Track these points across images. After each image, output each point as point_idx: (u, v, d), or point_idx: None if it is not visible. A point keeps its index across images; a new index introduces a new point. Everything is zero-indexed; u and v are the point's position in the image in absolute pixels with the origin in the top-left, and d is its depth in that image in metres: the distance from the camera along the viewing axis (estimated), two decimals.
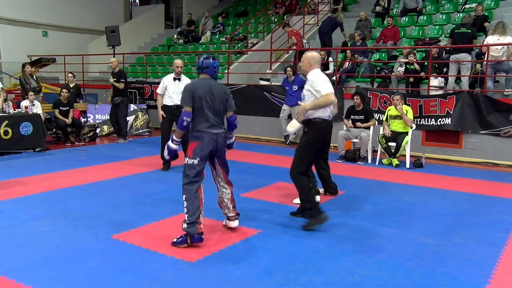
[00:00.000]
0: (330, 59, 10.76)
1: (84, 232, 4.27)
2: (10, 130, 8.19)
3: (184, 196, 3.98)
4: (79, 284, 3.19)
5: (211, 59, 4.16)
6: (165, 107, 7.03)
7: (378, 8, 12.76)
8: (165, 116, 7.03)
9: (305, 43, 12.21)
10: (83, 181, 6.26)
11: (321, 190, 5.66)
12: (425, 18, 11.92)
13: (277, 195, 5.73)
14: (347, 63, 10.49)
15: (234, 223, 4.39)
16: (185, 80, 6.99)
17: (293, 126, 4.63)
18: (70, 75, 11.07)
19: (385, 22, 12.00)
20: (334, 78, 10.37)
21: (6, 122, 8.16)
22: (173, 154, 4.13)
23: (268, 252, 3.87)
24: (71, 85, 10.83)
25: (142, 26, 17.54)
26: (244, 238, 4.18)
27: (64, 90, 9.93)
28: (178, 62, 7.14)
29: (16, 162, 7.61)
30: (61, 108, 9.80)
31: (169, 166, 7.08)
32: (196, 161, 3.97)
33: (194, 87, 4.03)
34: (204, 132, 3.98)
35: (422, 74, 9.12)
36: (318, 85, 4.51)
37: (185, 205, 3.96)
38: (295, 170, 4.57)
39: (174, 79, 7.04)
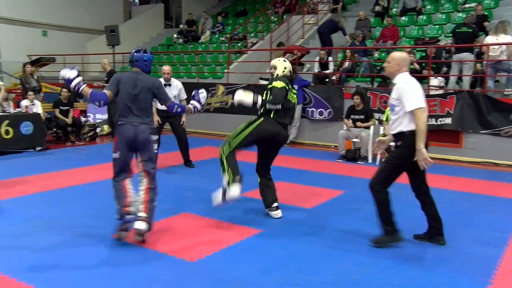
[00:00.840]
0: (330, 58, 10.76)
1: (84, 231, 4.27)
2: (11, 130, 8.20)
3: (113, 191, 4.04)
4: (79, 283, 3.20)
5: (142, 51, 4.14)
6: (158, 111, 6.89)
7: (377, 8, 12.76)
8: (160, 122, 7.00)
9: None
10: (83, 180, 6.27)
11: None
12: (424, 18, 11.92)
13: (277, 195, 5.71)
14: (347, 62, 10.49)
15: (139, 225, 3.90)
16: (176, 84, 7.11)
17: (245, 96, 4.58)
18: None
19: (384, 21, 12.00)
20: (334, 77, 10.38)
21: (6, 121, 8.17)
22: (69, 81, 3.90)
23: (268, 252, 3.88)
24: None
25: (141, 25, 17.52)
26: (245, 238, 4.18)
27: (64, 90, 9.93)
28: (165, 68, 7.11)
29: (17, 162, 7.61)
30: (61, 107, 9.80)
31: None
32: (117, 155, 3.99)
33: (120, 77, 4.09)
34: (123, 124, 3.99)
35: (425, 72, 9.08)
36: (411, 97, 3.84)
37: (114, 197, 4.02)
38: (378, 184, 4.09)
39: (165, 84, 6.94)
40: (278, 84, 4.62)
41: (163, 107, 4.38)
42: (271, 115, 4.66)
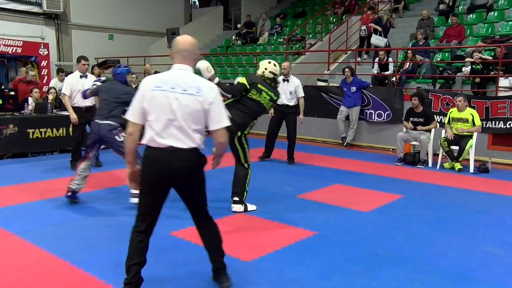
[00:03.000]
0: (390, 59, 10.47)
1: None
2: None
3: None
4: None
5: (117, 67, 5.41)
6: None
7: (442, 6, 12.27)
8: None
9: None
10: None
11: None
12: (495, 14, 11.26)
13: (334, 197, 5.66)
14: (408, 63, 10.17)
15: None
16: (294, 80, 7.58)
17: (205, 69, 4.57)
18: (133, 76, 11.51)
19: (449, 20, 11.51)
20: (393, 79, 10.11)
21: None
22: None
23: (324, 254, 3.83)
24: (133, 86, 11.26)
25: (201, 27, 17.90)
26: (300, 240, 4.16)
27: None
28: (284, 64, 7.58)
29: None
30: (125, 108, 10.21)
31: None
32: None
33: (102, 86, 5.47)
34: (93, 122, 5.14)
35: (495, 73, 8.62)
36: None
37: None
38: None
39: (283, 80, 7.44)
40: (241, 79, 4.88)
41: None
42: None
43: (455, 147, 7.49)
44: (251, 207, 5.05)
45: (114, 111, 5.10)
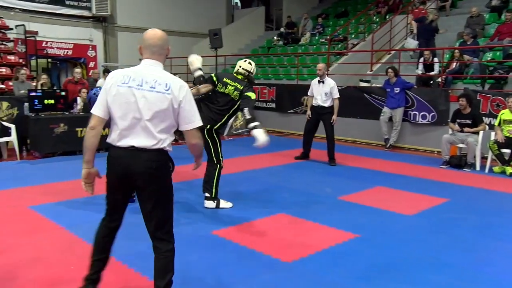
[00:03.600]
0: (435, 59, 10.18)
1: (185, 226, 4.47)
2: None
3: None
4: (179, 275, 3.35)
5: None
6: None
7: (494, 2, 11.79)
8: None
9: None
10: (187, 177, 6.60)
11: None
12: None
13: (376, 200, 5.57)
14: (454, 63, 9.86)
15: None
16: (329, 82, 7.71)
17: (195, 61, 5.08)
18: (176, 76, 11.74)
19: (502, 17, 11.05)
20: (439, 79, 9.83)
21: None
22: None
23: (366, 257, 3.78)
24: None
25: (243, 28, 18.04)
26: (342, 242, 4.12)
27: None
28: (319, 66, 7.90)
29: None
30: None
31: None
32: None
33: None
34: None
35: None
36: None
37: None
38: None
39: (318, 81, 7.76)
40: (212, 75, 5.23)
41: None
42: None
43: (506, 150, 7.20)
44: (225, 204, 5.17)
45: None
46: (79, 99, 8.78)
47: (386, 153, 9.09)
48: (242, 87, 5.10)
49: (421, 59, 10.42)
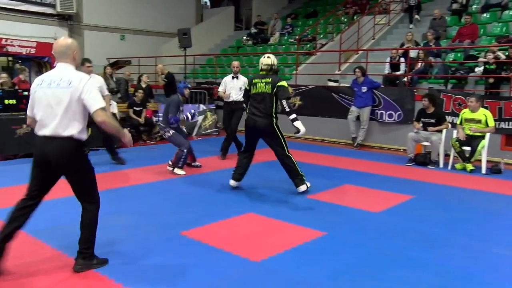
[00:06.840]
0: (402, 59, 10.41)
1: (153, 228, 4.43)
2: (90, 128, 8.71)
3: None
4: (149, 279, 3.34)
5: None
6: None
7: (455, 6, 12.16)
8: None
9: None
10: (154, 178, 6.54)
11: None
12: (510, 13, 11.12)
13: (344, 198, 5.65)
14: (420, 63, 10.10)
15: None
16: (243, 78, 8.05)
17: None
18: (144, 76, 11.58)
19: (462, 20, 11.41)
20: (405, 79, 10.05)
21: None
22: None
23: (335, 255, 3.83)
24: (143, 86, 11.31)
25: (212, 28, 17.96)
26: (309, 240, 4.16)
27: (140, 91, 10.42)
28: (234, 63, 8.22)
29: (93, 160, 8.07)
30: (135, 108, 10.30)
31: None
32: None
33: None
34: None
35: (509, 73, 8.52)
36: None
37: None
38: None
39: (232, 77, 8.16)
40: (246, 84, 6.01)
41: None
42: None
43: (467, 148, 7.42)
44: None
45: (163, 115, 6.96)
46: None
47: (354, 152, 9.23)
48: (270, 79, 5.57)
49: (388, 59, 10.63)
